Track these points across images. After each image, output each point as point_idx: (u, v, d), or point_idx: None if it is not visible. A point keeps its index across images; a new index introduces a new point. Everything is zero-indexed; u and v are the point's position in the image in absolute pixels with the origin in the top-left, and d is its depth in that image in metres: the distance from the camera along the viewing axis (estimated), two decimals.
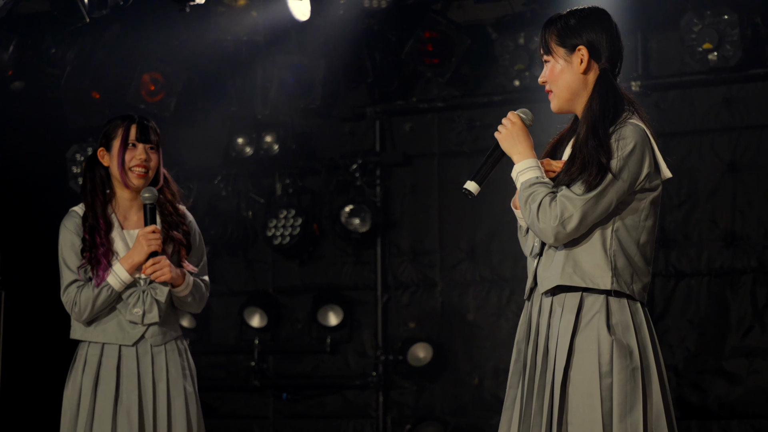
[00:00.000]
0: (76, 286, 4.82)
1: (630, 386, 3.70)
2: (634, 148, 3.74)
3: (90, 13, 7.05)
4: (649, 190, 3.81)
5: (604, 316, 3.73)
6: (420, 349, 8.29)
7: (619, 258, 3.75)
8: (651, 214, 3.83)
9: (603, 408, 3.67)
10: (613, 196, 3.72)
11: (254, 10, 7.98)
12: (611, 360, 3.71)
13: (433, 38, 8.10)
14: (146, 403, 4.78)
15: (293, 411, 8.67)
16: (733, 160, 7.69)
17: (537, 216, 3.74)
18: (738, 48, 7.35)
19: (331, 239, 8.67)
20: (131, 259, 4.78)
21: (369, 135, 8.67)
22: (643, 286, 3.80)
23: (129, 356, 4.82)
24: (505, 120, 3.93)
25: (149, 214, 4.80)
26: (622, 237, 3.77)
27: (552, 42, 3.89)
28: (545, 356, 3.80)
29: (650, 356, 3.78)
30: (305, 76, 8.35)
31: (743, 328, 7.56)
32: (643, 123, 3.83)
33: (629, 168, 3.74)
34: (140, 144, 4.85)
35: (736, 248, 7.62)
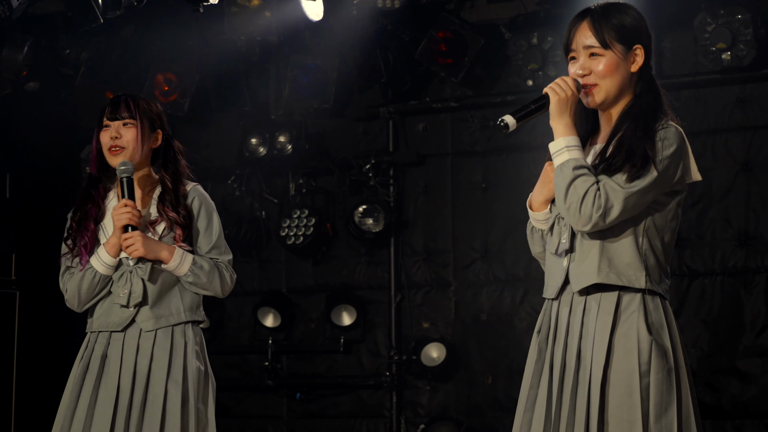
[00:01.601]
0: (68, 274, 4.75)
1: (666, 386, 3.69)
2: (676, 149, 3.73)
3: (104, 14, 7.07)
4: (678, 192, 3.80)
5: (642, 314, 3.73)
6: (433, 348, 8.29)
7: (649, 257, 3.76)
8: (676, 215, 3.83)
9: (642, 408, 3.66)
10: (654, 193, 3.72)
11: (268, 10, 7.99)
12: (650, 360, 3.69)
13: (447, 38, 8.10)
14: (123, 394, 4.59)
15: (307, 411, 8.68)
16: (746, 159, 7.68)
17: (581, 202, 3.68)
18: (751, 47, 7.34)
19: (344, 239, 8.68)
20: (110, 240, 4.65)
21: (382, 135, 8.67)
22: (668, 285, 3.83)
23: (116, 342, 4.65)
24: (562, 82, 3.83)
25: (126, 187, 4.64)
26: (651, 236, 3.78)
27: (610, 37, 3.82)
28: (579, 356, 3.77)
29: (681, 356, 3.77)
30: (319, 76, 8.36)
31: (757, 327, 7.55)
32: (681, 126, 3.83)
33: (671, 168, 3.73)
34: (112, 122, 4.74)
35: (750, 248, 7.61)
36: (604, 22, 3.84)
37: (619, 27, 3.84)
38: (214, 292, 4.77)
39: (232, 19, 8.02)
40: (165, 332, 4.66)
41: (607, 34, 3.83)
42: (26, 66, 7.80)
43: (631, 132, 3.75)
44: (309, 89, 8.40)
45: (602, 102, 3.86)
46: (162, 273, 4.69)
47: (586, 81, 3.85)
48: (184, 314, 4.72)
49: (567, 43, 3.91)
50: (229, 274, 4.80)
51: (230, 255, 4.86)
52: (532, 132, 7.67)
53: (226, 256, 4.83)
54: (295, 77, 8.42)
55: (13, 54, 7.74)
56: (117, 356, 4.64)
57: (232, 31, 8.05)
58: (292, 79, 8.43)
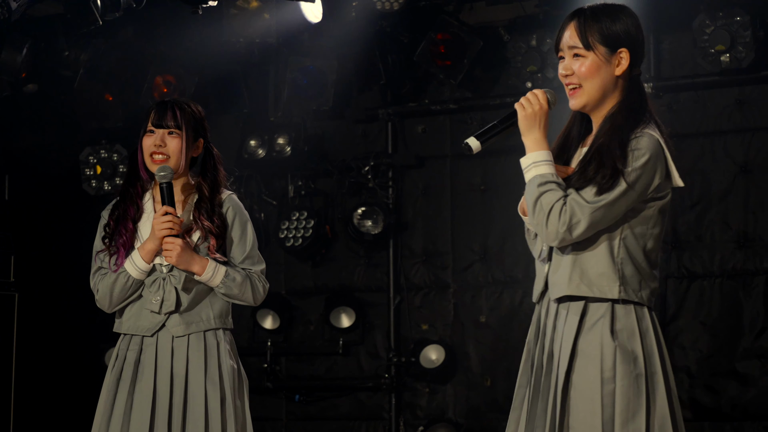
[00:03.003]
0: (100, 273, 4.70)
1: (633, 392, 3.68)
2: (648, 159, 3.73)
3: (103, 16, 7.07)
4: (658, 199, 3.80)
5: (608, 321, 3.71)
6: (432, 350, 8.29)
7: (626, 266, 3.74)
8: (659, 222, 3.81)
9: (604, 414, 3.65)
10: (623, 205, 3.70)
11: (267, 12, 8.00)
12: (614, 366, 3.68)
13: (446, 40, 8.10)
14: (161, 397, 4.61)
15: (306, 413, 8.68)
16: (745, 161, 7.68)
17: (547, 218, 3.69)
18: (750, 49, 7.34)
19: (343, 241, 8.68)
20: (146, 245, 4.64)
21: (381, 137, 8.67)
22: (651, 291, 3.78)
23: (149, 347, 4.66)
24: (532, 96, 3.84)
25: (166, 192, 4.62)
26: (630, 245, 3.75)
27: (593, 38, 3.82)
28: (550, 358, 3.79)
29: (656, 362, 3.76)
30: (318, 78, 8.36)
31: (756, 329, 7.55)
32: (659, 132, 3.81)
33: (642, 178, 3.72)
34: (157, 129, 4.70)
35: (749, 249, 7.61)
36: (590, 24, 3.83)
37: (605, 29, 3.82)
38: (246, 302, 4.83)
39: (231, 21, 8.03)
40: (197, 335, 4.70)
41: (591, 36, 3.82)
42: (25, 68, 7.81)
43: (606, 141, 3.74)
44: (308, 91, 8.39)
45: (584, 105, 3.86)
46: (196, 282, 4.71)
47: (569, 81, 3.86)
48: (214, 321, 4.77)
49: (556, 42, 3.93)
50: (262, 284, 4.85)
51: (263, 265, 4.90)
52: None
53: (259, 266, 4.87)
54: (294, 79, 8.42)
55: (13, 56, 7.74)
56: (151, 361, 4.66)
57: (231, 33, 8.05)
58: (291, 81, 8.43)
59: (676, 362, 7.66)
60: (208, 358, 4.69)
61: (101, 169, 8.66)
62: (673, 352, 7.69)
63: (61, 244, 8.52)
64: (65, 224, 8.60)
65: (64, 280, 8.43)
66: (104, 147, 8.68)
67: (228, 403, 4.66)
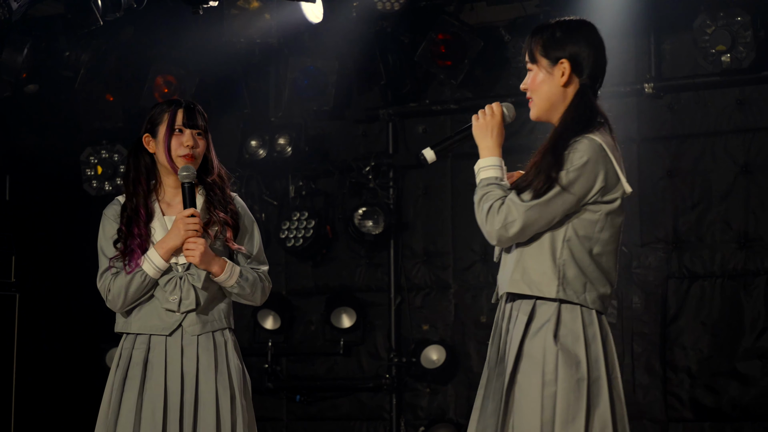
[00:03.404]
0: (110, 274, 4.63)
1: (574, 396, 3.75)
2: (585, 162, 3.78)
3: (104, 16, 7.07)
4: (603, 203, 3.83)
5: (553, 324, 3.80)
6: (433, 351, 8.30)
7: (569, 268, 3.82)
8: (608, 227, 3.85)
9: (543, 415, 3.74)
10: (559, 207, 3.78)
11: (267, 12, 8.00)
12: (556, 369, 3.76)
13: (446, 40, 8.10)
14: (172, 396, 4.59)
15: (306, 413, 8.68)
16: (746, 161, 7.68)
17: (486, 217, 3.87)
18: (751, 50, 7.34)
19: (344, 241, 8.68)
20: (166, 244, 4.60)
21: (382, 137, 8.68)
22: (599, 295, 3.84)
23: (158, 347, 4.63)
24: (488, 108, 4.03)
25: (188, 193, 4.63)
26: (574, 247, 3.82)
27: (536, 51, 3.95)
28: (501, 360, 3.91)
29: (601, 368, 3.80)
30: (318, 79, 8.36)
31: (757, 329, 7.55)
32: (603, 138, 3.84)
33: (578, 182, 3.78)
34: (187, 129, 4.70)
35: (750, 250, 7.61)
36: (536, 38, 3.97)
37: (546, 42, 3.93)
38: (254, 302, 4.86)
39: (232, 22, 8.03)
40: (207, 335, 4.70)
41: (535, 50, 3.96)
42: (26, 68, 7.80)
43: (544, 148, 3.86)
44: (309, 91, 8.40)
45: (537, 116, 4.01)
46: (210, 281, 4.71)
47: (528, 95, 4.03)
48: (224, 321, 4.78)
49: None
50: (268, 284, 4.89)
51: (268, 265, 4.94)
52: (531, 134, 7.67)
53: (264, 266, 4.90)
54: (295, 79, 8.42)
55: (13, 56, 7.74)
56: (161, 360, 4.63)
57: (232, 33, 8.05)
58: (291, 81, 8.43)
59: (677, 362, 7.66)
60: (218, 357, 4.69)
61: (102, 170, 8.66)
62: (674, 352, 7.69)
63: (61, 244, 8.52)
64: (66, 224, 8.60)
65: (65, 280, 8.43)
66: (105, 147, 8.68)
67: (237, 402, 4.67)
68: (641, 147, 7.71)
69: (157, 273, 4.63)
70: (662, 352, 7.72)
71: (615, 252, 3.88)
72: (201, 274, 4.64)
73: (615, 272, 3.89)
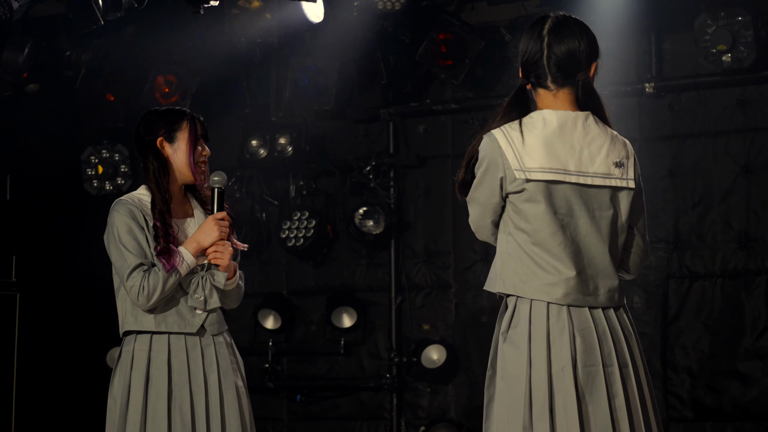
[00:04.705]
0: (141, 270, 4.62)
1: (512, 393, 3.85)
2: (482, 159, 3.95)
3: (104, 16, 7.07)
4: (516, 193, 3.87)
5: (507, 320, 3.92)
6: (434, 351, 8.30)
7: (512, 261, 3.91)
8: (532, 215, 3.85)
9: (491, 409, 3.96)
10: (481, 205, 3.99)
11: (268, 12, 8.00)
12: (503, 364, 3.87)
13: (447, 40, 8.10)
14: (198, 397, 4.67)
15: (307, 413, 8.68)
16: (747, 161, 7.68)
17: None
18: (752, 49, 7.34)
19: (344, 241, 8.68)
20: (197, 243, 4.70)
21: (383, 137, 8.68)
22: (547, 284, 3.83)
23: (179, 348, 4.69)
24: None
25: (218, 198, 4.78)
26: (516, 240, 3.89)
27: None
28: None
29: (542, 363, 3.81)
30: (319, 78, 8.36)
31: (757, 329, 7.55)
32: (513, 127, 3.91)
33: (483, 180, 3.96)
34: (203, 140, 4.86)
35: (750, 250, 7.61)
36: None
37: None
38: (233, 305, 4.93)
39: (233, 21, 8.02)
40: (219, 338, 4.81)
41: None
42: (27, 68, 7.81)
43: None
44: (309, 91, 8.39)
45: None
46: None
47: None
48: (224, 321, 4.88)
49: None
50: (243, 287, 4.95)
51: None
52: None
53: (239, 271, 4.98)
54: (296, 79, 8.42)
55: (14, 56, 7.74)
56: (183, 365, 4.70)
57: (233, 33, 8.05)
58: (292, 80, 8.43)
59: (678, 362, 7.66)
60: (233, 354, 4.83)
61: (103, 169, 8.66)
62: (674, 352, 7.69)
63: (62, 243, 8.52)
64: (67, 224, 8.60)
65: (65, 279, 8.43)
66: (106, 147, 8.68)
67: (248, 393, 4.85)
68: (642, 147, 7.70)
69: (186, 271, 4.69)
70: (663, 352, 7.72)
71: (555, 236, 3.83)
72: (222, 275, 4.74)
73: (567, 258, 3.83)
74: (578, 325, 3.81)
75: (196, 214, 4.84)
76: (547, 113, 3.89)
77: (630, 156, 3.94)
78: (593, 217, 3.85)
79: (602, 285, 3.86)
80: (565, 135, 3.86)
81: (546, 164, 3.81)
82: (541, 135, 3.85)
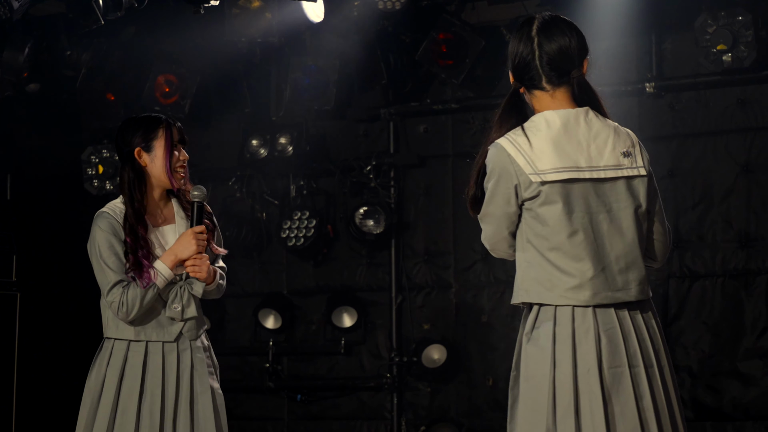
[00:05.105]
0: (121, 286, 4.74)
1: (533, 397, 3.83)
2: (491, 171, 3.86)
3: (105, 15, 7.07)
4: (532, 198, 3.84)
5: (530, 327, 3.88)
6: (434, 350, 8.30)
7: (532, 269, 3.87)
8: (549, 219, 3.82)
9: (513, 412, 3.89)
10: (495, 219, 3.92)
11: (269, 11, 8.00)
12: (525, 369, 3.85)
13: (447, 39, 8.10)
14: (168, 400, 4.77)
15: (308, 412, 8.68)
16: (747, 161, 7.68)
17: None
18: (752, 49, 7.34)
19: (345, 241, 8.68)
20: (174, 256, 4.78)
21: (383, 136, 8.68)
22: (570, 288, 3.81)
23: (155, 352, 4.81)
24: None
25: (198, 212, 4.84)
26: (535, 248, 3.85)
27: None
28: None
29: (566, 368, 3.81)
30: (319, 78, 8.36)
31: (758, 329, 7.55)
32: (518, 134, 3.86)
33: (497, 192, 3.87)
34: (180, 145, 4.90)
35: (751, 249, 7.61)
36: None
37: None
38: (216, 297, 5.04)
39: (233, 21, 8.03)
40: (196, 342, 4.91)
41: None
42: (27, 67, 7.80)
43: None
44: (310, 91, 8.39)
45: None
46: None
47: None
48: (204, 321, 4.99)
49: None
50: (225, 281, 5.04)
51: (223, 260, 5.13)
52: None
53: (222, 262, 5.07)
54: (296, 79, 8.42)
55: (14, 55, 7.74)
56: (158, 367, 4.81)
57: (233, 32, 8.05)
58: (292, 80, 8.43)
59: (678, 362, 7.66)
60: (210, 356, 4.94)
61: (103, 169, 8.66)
62: (675, 351, 7.69)
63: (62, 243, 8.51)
64: (67, 224, 8.59)
65: (65, 279, 8.43)
66: (106, 146, 8.68)
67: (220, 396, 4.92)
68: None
69: (164, 284, 4.78)
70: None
71: (574, 236, 3.81)
72: (200, 285, 4.83)
73: (589, 257, 3.80)
74: (603, 326, 3.79)
75: (177, 220, 4.91)
76: (548, 114, 3.86)
77: (635, 144, 3.90)
78: (611, 211, 3.82)
79: (633, 278, 3.84)
80: (570, 133, 3.84)
81: (558, 164, 3.79)
82: (547, 136, 3.82)
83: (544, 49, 3.87)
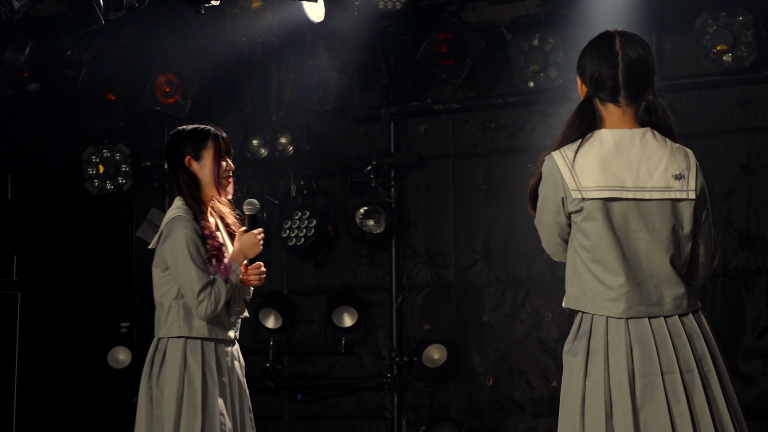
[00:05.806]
0: (209, 285, 4.98)
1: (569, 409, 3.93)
2: (543, 183, 3.97)
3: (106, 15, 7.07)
4: (576, 212, 3.92)
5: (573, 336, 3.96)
6: (434, 350, 8.30)
7: (577, 278, 3.96)
8: (590, 233, 3.91)
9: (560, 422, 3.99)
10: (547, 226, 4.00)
11: (269, 11, 8.00)
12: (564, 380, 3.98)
13: (448, 39, 8.10)
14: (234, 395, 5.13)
15: (308, 412, 8.68)
16: (747, 161, 7.68)
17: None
18: (753, 49, 7.35)
19: (345, 240, 8.68)
20: (243, 256, 5.12)
21: (384, 136, 8.68)
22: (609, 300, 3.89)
23: (222, 352, 5.08)
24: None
25: (250, 222, 5.21)
26: (580, 258, 3.94)
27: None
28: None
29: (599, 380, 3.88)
30: (320, 78, 8.37)
31: (758, 329, 7.55)
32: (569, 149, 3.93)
33: (546, 202, 3.97)
34: (226, 156, 5.19)
35: (751, 249, 7.62)
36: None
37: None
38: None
39: (234, 21, 8.03)
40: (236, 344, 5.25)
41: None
42: (28, 67, 7.81)
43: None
44: (310, 90, 8.40)
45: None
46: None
47: None
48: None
49: None
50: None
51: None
52: (533, 134, 7.67)
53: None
54: (297, 78, 8.42)
55: (15, 55, 7.74)
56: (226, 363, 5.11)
57: (234, 32, 8.06)
58: (293, 80, 8.43)
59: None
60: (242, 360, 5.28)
61: (104, 169, 8.67)
62: None
63: (63, 243, 8.52)
64: (68, 223, 8.60)
65: (66, 279, 8.44)
66: (107, 146, 8.69)
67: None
68: None
69: (237, 282, 5.11)
70: None
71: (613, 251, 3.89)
72: (249, 289, 5.22)
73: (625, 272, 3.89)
74: (636, 336, 3.88)
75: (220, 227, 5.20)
76: (604, 133, 3.94)
77: (692, 167, 4.03)
78: (653, 230, 3.92)
79: (667, 294, 3.93)
80: (621, 152, 3.93)
81: (602, 182, 3.89)
82: (597, 154, 3.91)
83: (627, 64, 3.94)
